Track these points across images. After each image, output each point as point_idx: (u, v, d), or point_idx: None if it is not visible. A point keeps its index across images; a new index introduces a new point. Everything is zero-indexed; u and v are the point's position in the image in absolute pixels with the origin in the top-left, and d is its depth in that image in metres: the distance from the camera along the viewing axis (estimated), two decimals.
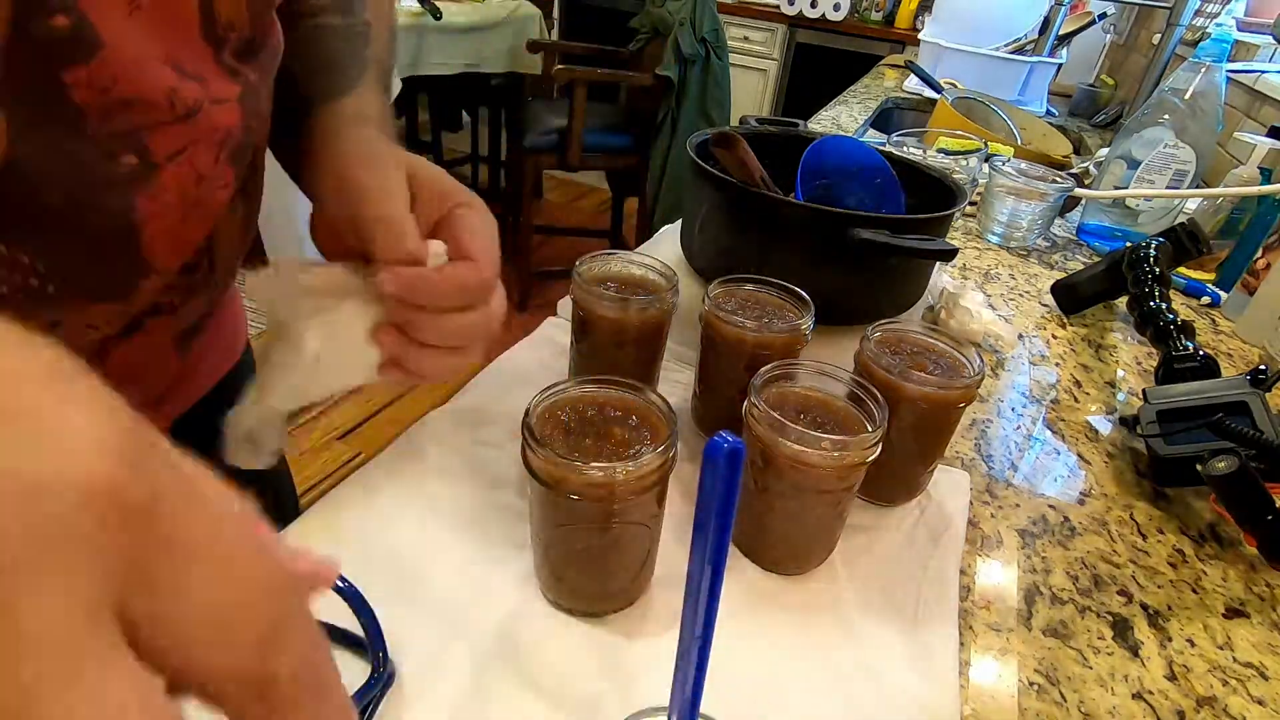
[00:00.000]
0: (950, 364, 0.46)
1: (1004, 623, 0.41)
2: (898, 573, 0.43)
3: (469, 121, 3.12)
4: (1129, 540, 0.48)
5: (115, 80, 0.30)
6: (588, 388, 0.38)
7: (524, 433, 0.33)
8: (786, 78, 3.09)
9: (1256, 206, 0.86)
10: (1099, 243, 0.99)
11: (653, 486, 0.34)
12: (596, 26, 3.24)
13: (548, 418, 0.37)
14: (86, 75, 0.29)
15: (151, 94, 0.31)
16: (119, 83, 0.30)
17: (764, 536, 0.42)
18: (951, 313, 0.68)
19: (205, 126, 0.34)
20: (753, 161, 0.64)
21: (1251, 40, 1.33)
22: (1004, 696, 0.37)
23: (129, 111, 0.31)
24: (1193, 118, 0.89)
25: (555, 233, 2.98)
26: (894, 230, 0.58)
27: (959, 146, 0.97)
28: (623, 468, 0.32)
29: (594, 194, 3.56)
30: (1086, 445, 0.58)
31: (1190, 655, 0.40)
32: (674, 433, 0.34)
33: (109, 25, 0.29)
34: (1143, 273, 0.69)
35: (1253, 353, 0.75)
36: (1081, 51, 2.06)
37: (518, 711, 0.33)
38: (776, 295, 0.51)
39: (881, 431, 0.37)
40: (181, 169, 0.34)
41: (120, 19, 0.30)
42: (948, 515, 0.47)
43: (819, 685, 0.36)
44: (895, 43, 2.80)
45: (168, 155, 0.33)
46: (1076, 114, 1.77)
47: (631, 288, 0.51)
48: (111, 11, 0.29)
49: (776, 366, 0.42)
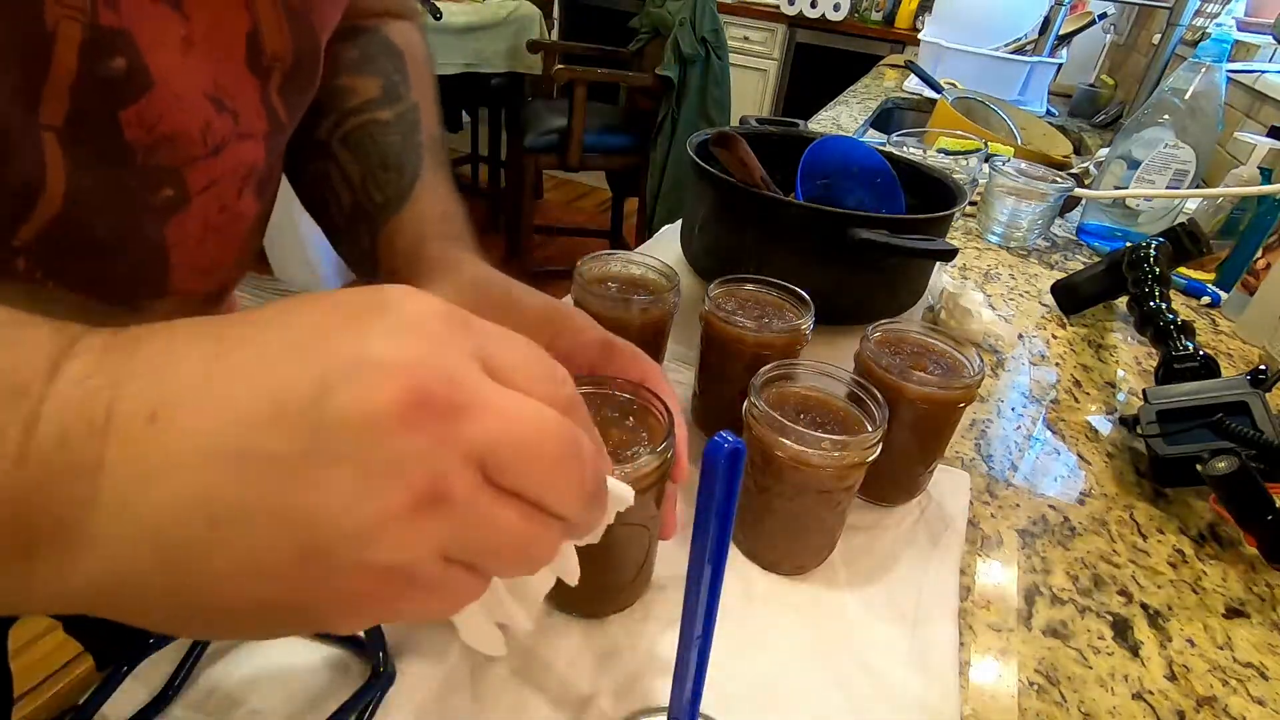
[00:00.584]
0: (950, 364, 0.46)
1: (1004, 623, 0.41)
2: (898, 573, 0.43)
3: (469, 121, 3.12)
4: (1129, 540, 0.48)
5: (160, 118, 0.31)
6: (585, 387, 0.38)
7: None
8: (786, 78, 3.09)
9: (1256, 206, 0.86)
10: (1099, 243, 0.99)
11: (650, 488, 0.34)
12: (596, 26, 3.24)
13: None
14: (137, 113, 0.30)
15: (189, 128, 0.32)
16: (164, 120, 0.31)
17: (764, 536, 0.42)
18: (951, 313, 0.68)
19: (231, 161, 0.35)
20: (753, 161, 0.64)
21: (1251, 40, 1.33)
22: (1004, 696, 0.37)
23: (170, 146, 0.32)
24: (1193, 118, 0.89)
25: (555, 233, 2.98)
26: (894, 230, 0.58)
27: (959, 146, 0.97)
28: (619, 470, 0.32)
29: (594, 194, 3.56)
30: (1086, 445, 0.58)
31: (1190, 655, 0.40)
32: (671, 434, 0.34)
33: (161, 63, 0.30)
34: (1143, 273, 0.69)
35: (1253, 353, 0.75)
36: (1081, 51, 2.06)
37: (518, 712, 0.33)
38: (776, 295, 0.51)
39: (881, 431, 0.37)
40: (209, 201, 0.35)
41: (174, 57, 0.30)
42: (948, 515, 0.47)
43: (819, 685, 0.36)
44: (895, 43, 2.80)
45: (200, 189, 0.34)
46: (1076, 114, 1.77)
47: (632, 288, 0.51)
48: (167, 50, 0.30)
49: (776, 366, 0.42)
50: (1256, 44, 1.32)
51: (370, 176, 0.44)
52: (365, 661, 0.33)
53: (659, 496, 0.36)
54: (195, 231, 0.35)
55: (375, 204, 0.44)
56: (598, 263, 0.52)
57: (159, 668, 0.32)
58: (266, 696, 0.32)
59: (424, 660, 0.34)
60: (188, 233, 0.35)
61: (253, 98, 0.35)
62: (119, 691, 0.30)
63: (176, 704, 0.31)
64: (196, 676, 0.32)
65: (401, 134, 0.46)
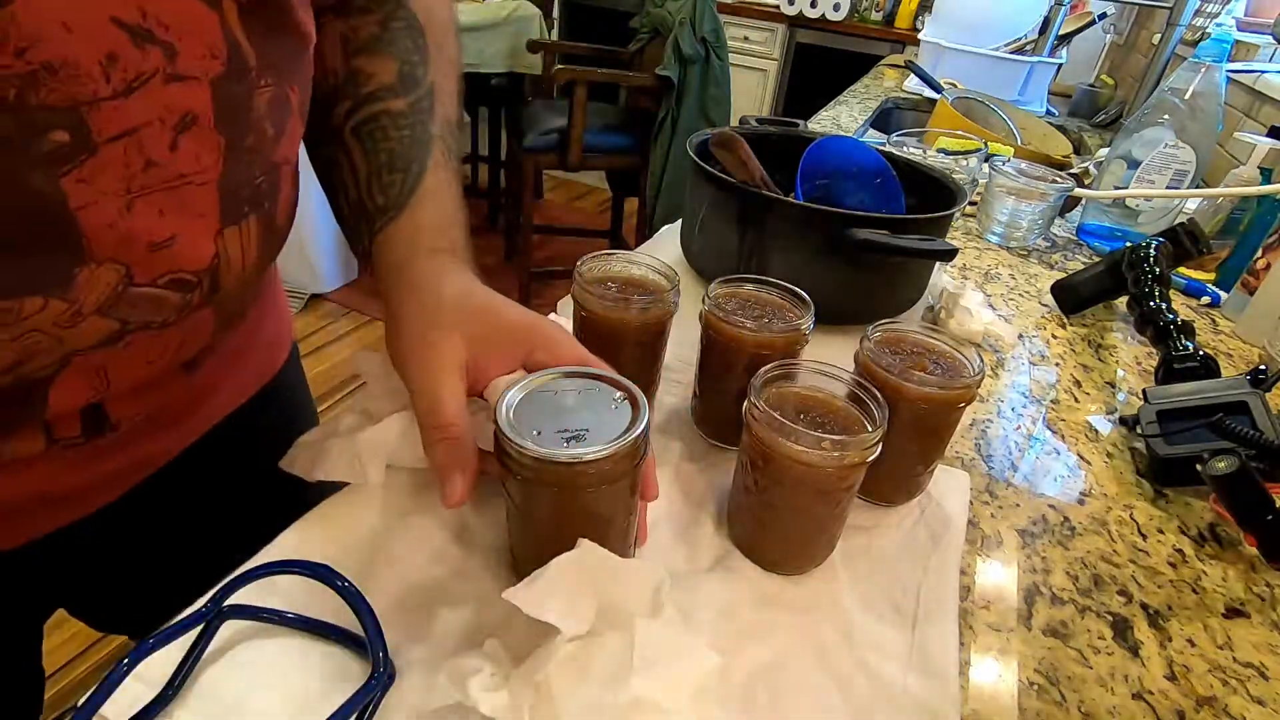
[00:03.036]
0: (950, 364, 0.46)
1: (1004, 623, 0.41)
2: (898, 573, 0.43)
3: (469, 121, 3.12)
4: (1129, 540, 0.48)
5: (34, 42, 0.26)
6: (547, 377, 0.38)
7: (496, 424, 0.33)
8: (786, 78, 3.09)
9: (1256, 206, 0.86)
10: (1099, 243, 0.99)
11: (622, 476, 0.33)
12: (596, 26, 3.24)
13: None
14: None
15: (78, 58, 0.27)
16: (39, 46, 0.26)
17: (764, 536, 0.42)
18: (951, 313, 0.68)
19: (154, 105, 0.30)
20: (753, 161, 0.64)
21: (1251, 40, 1.33)
22: (1004, 696, 0.37)
23: (54, 79, 0.27)
24: (1193, 118, 0.89)
25: (555, 233, 2.98)
26: (894, 230, 0.58)
27: (959, 146, 0.97)
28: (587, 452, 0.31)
29: (594, 194, 3.56)
30: (1086, 445, 0.58)
31: (1190, 655, 0.40)
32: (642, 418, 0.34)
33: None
34: (1143, 273, 0.69)
35: (1253, 353, 0.75)
36: (1081, 51, 2.06)
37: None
38: (776, 295, 0.51)
39: (881, 431, 0.37)
40: (126, 152, 0.30)
41: None
42: (948, 515, 0.47)
43: (819, 685, 0.36)
44: (895, 43, 2.80)
45: (111, 136, 0.29)
46: (1076, 114, 1.77)
47: (632, 288, 0.51)
48: None
49: (776, 366, 0.42)
50: (1256, 44, 1.32)
51: (375, 176, 0.44)
52: (365, 661, 0.33)
53: (633, 486, 0.35)
54: (113, 190, 0.30)
55: (376, 205, 0.44)
56: (598, 263, 0.52)
57: (159, 668, 0.32)
58: (266, 696, 0.32)
59: (424, 660, 0.34)
60: (100, 190, 0.30)
61: (203, 31, 0.31)
62: (119, 691, 0.30)
63: (176, 704, 0.31)
64: (197, 676, 0.32)
65: (413, 126, 0.45)
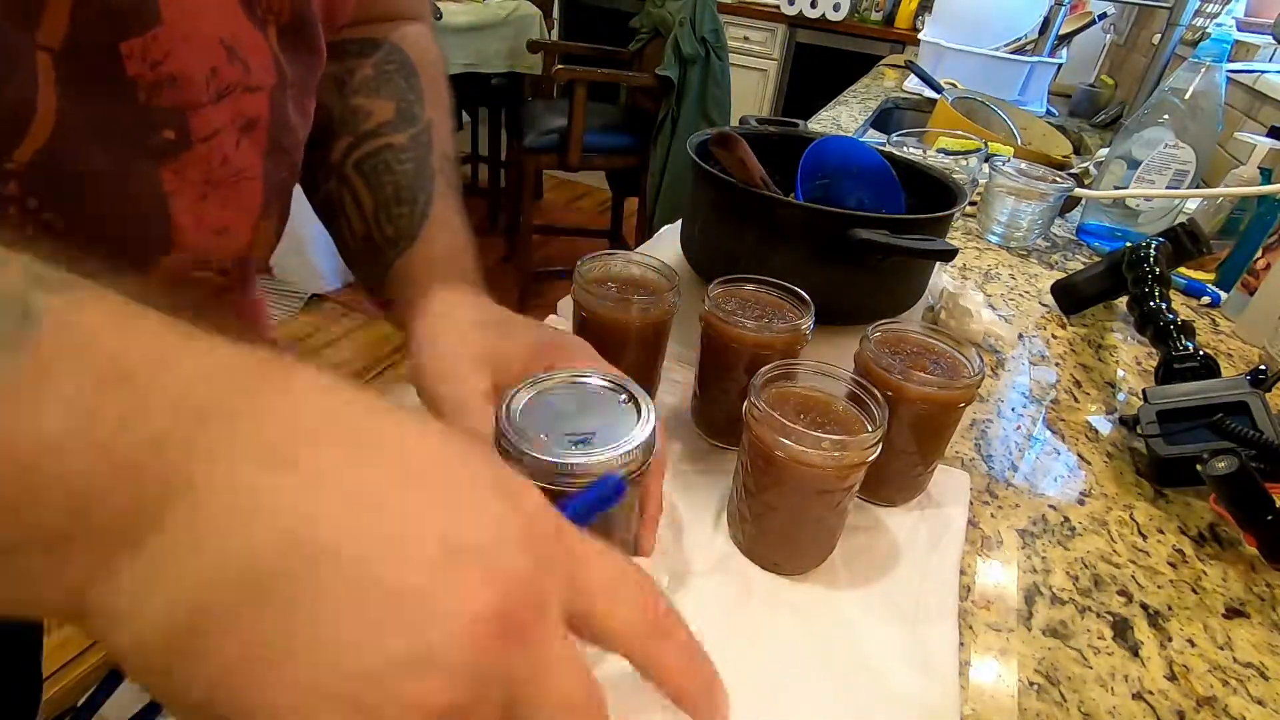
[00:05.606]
0: (950, 364, 0.46)
1: (1004, 623, 0.41)
2: (898, 573, 0.43)
3: (469, 121, 3.12)
4: (1129, 540, 0.48)
5: (166, 56, 0.31)
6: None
7: (497, 428, 0.33)
8: (786, 78, 3.09)
9: (1256, 206, 0.86)
10: (1099, 243, 0.99)
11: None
12: (596, 26, 3.24)
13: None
14: (141, 47, 0.30)
15: (194, 71, 0.32)
16: (169, 59, 0.31)
17: (764, 537, 0.42)
18: (951, 313, 0.68)
19: (231, 111, 0.35)
20: (753, 161, 0.64)
21: (1251, 40, 1.33)
22: (1004, 696, 0.37)
23: (174, 87, 0.32)
24: (1193, 118, 0.89)
25: (555, 233, 2.98)
26: (894, 230, 0.58)
27: (959, 146, 0.97)
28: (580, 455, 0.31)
29: (594, 194, 3.56)
30: (1086, 445, 0.58)
31: (1190, 655, 0.40)
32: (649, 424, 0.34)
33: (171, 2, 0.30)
34: (1143, 273, 0.69)
35: (1253, 353, 0.75)
36: (1081, 51, 2.06)
37: None
38: (776, 295, 0.51)
39: (881, 431, 0.37)
40: (211, 151, 0.35)
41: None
42: (948, 515, 0.47)
43: (819, 685, 0.36)
44: (895, 43, 2.80)
45: (203, 136, 0.34)
46: (1076, 114, 1.77)
47: (632, 288, 0.51)
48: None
49: (776, 366, 0.42)
50: (1256, 44, 1.32)
51: (383, 209, 0.44)
52: None
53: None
54: (196, 181, 0.35)
55: (386, 237, 0.44)
56: (598, 263, 0.52)
57: None
58: None
59: None
60: (188, 181, 0.34)
61: (263, 49, 0.36)
62: (119, 691, 0.30)
63: None
64: None
65: (415, 160, 0.46)
